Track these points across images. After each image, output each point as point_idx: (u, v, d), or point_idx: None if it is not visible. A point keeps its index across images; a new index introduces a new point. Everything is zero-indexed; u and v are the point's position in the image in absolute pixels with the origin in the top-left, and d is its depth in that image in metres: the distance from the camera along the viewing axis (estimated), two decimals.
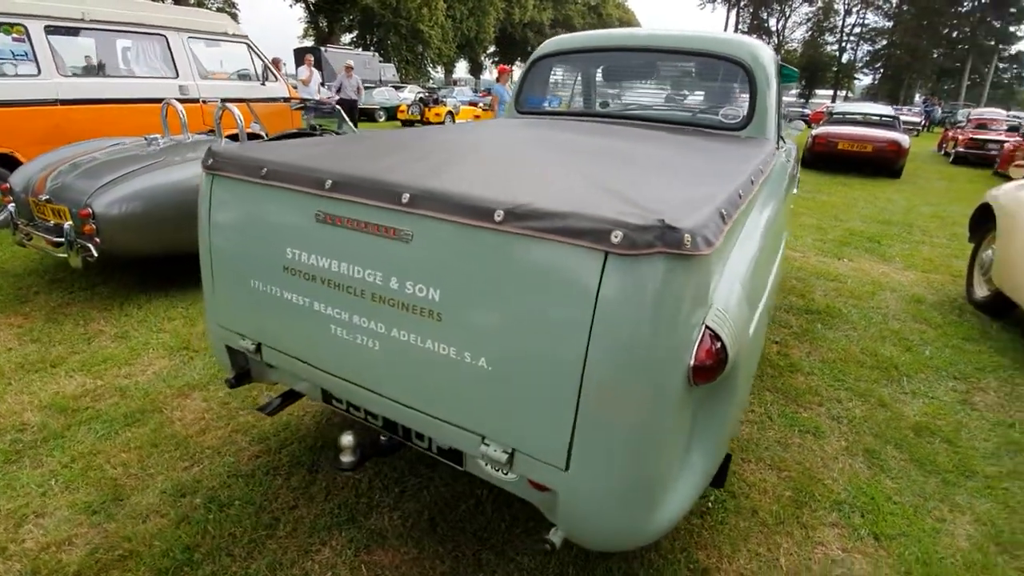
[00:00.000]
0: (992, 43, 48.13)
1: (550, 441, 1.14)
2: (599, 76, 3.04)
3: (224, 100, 4.08)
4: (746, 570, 1.71)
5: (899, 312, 3.86)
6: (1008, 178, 10.38)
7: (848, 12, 53.48)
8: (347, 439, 1.50)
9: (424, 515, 1.85)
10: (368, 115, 16.38)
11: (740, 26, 53.66)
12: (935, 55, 50.44)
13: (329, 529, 1.78)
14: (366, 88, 14.98)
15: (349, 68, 11.00)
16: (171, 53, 5.41)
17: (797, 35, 56.14)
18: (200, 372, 2.66)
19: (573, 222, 1.03)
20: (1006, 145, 11.45)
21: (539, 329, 1.09)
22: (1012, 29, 46.80)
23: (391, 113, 17.45)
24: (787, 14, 55.35)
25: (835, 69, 53.82)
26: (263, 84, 6.47)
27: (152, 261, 3.62)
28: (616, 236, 0.99)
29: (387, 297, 1.27)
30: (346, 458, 1.51)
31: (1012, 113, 22.35)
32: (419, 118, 16.25)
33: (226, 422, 2.30)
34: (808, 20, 55.42)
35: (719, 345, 1.13)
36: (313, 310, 1.42)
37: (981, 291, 3.99)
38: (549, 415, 1.13)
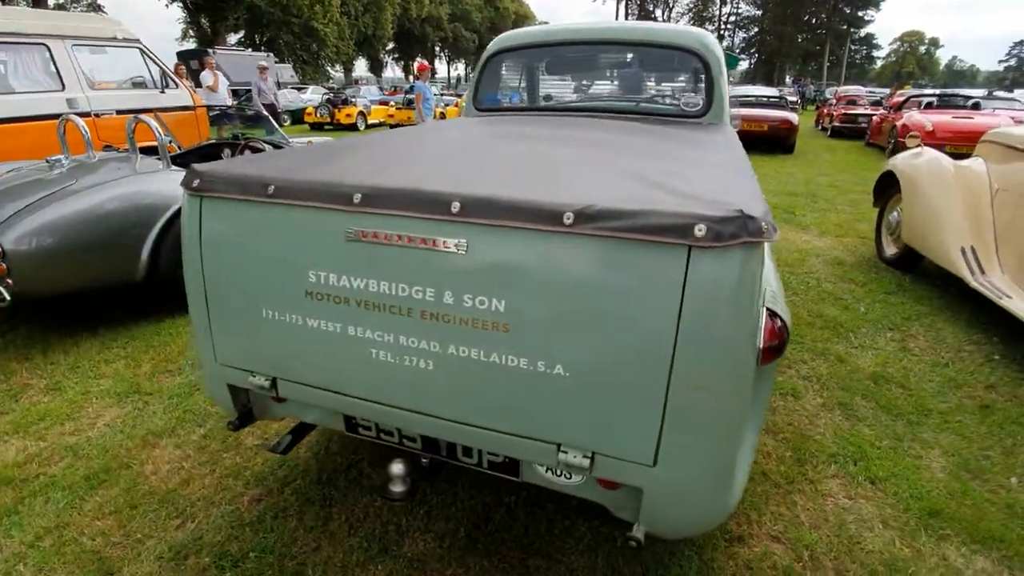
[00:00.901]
0: (845, 27, 54.05)
1: (636, 439, 1.14)
2: (557, 70, 3.06)
3: (129, 112, 3.66)
4: (774, 531, 1.81)
5: (828, 275, 4.25)
6: (881, 148, 11.75)
7: (724, 2, 57.74)
8: (397, 468, 1.41)
9: (460, 532, 1.79)
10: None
11: (628, 16, 56.24)
12: (800, 39, 55.81)
13: (363, 565, 1.67)
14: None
15: (264, 69, 10.29)
16: (55, 64, 4.75)
17: (681, 24, 59.88)
18: (163, 417, 2.39)
19: (653, 219, 1.03)
20: (874, 119, 12.91)
21: (620, 329, 1.08)
22: (860, 14, 52.82)
23: (296, 116, 16.52)
24: (671, 4, 58.78)
25: None
26: (163, 92, 5.87)
27: (71, 298, 3.19)
28: (700, 230, 1.00)
29: (441, 313, 1.21)
30: (397, 488, 1.42)
31: (869, 89, 25.28)
32: (329, 120, 15.51)
33: (210, 468, 2.08)
34: (689, 10, 59.22)
35: (780, 323, 1.18)
36: (348, 335, 1.31)
37: (890, 249, 4.49)
38: (635, 414, 1.12)
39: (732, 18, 59.58)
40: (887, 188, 4.53)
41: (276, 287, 1.36)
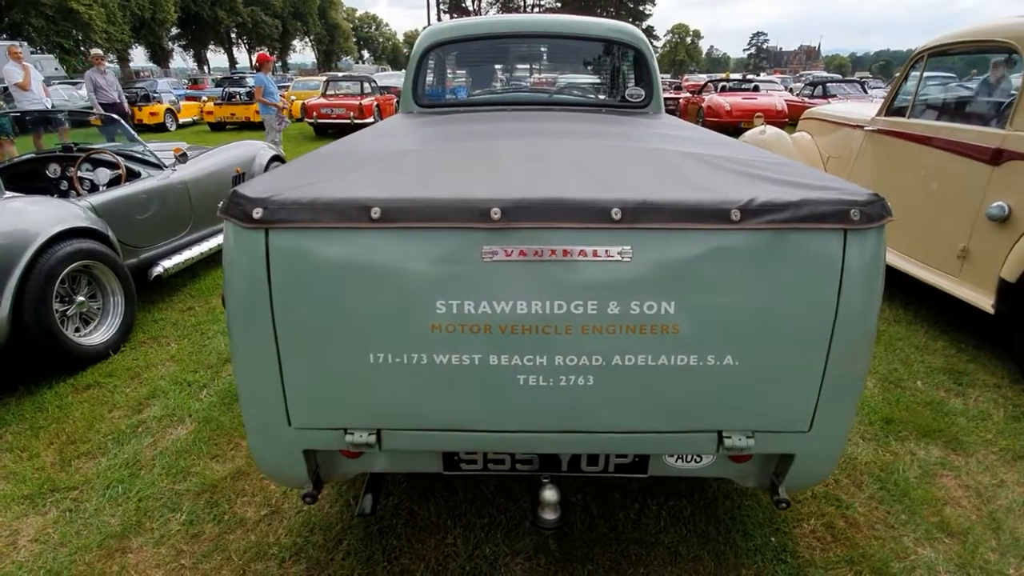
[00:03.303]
0: (631, 21, 61.03)
1: (795, 411, 1.24)
2: (497, 63, 3.00)
3: None
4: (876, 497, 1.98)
5: None
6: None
7: None
8: (551, 494, 1.32)
9: (549, 544, 1.74)
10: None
11: (440, 5, 56.42)
12: None
13: None
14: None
15: (99, 60, 8.18)
16: None
17: (490, 15, 61.89)
18: (112, 513, 1.88)
19: (813, 208, 1.11)
20: (680, 101, 14.90)
21: (785, 312, 1.16)
22: (641, 8, 59.98)
23: None
24: None
25: None
26: None
27: None
28: (855, 214, 1.11)
29: (605, 326, 1.16)
30: (549, 515, 1.33)
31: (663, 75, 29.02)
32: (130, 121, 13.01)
33: (222, 557, 1.71)
34: (497, 1, 61.44)
35: None
36: (488, 366, 1.19)
37: None
38: (796, 388, 1.22)
39: (536, 9, 63.29)
40: None
41: (389, 326, 1.17)
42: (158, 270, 3.42)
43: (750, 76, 22.12)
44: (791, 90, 17.20)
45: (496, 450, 1.34)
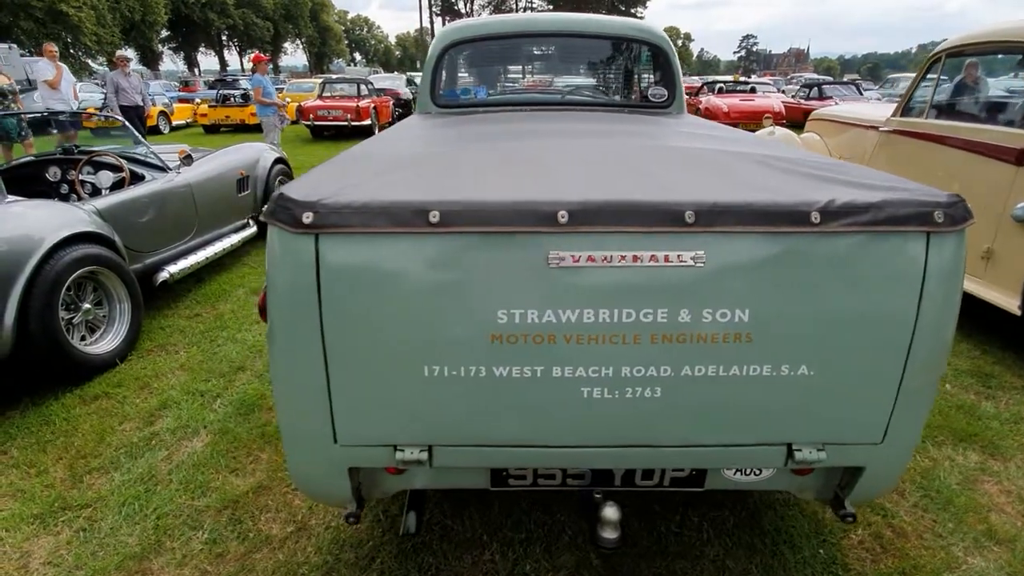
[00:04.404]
0: None
1: (868, 422, 1.18)
2: (519, 62, 2.94)
3: None
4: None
5: None
6: None
7: None
8: (612, 512, 1.25)
9: (591, 560, 1.67)
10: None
11: (432, 7, 56.47)
12: None
13: None
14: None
15: (124, 62, 8.07)
16: None
17: (483, 16, 62.04)
18: (130, 532, 1.79)
19: (895, 210, 1.06)
20: None
21: (864, 319, 1.10)
22: (633, 11, 60.36)
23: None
24: None
25: None
26: None
27: None
28: (939, 216, 1.06)
29: (676, 334, 1.09)
30: (609, 534, 1.26)
31: None
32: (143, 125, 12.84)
33: None
34: (490, 3, 61.60)
35: None
36: (551, 378, 1.12)
37: None
38: (871, 399, 1.16)
39: (527, 11, 63.46)
40: None
41: (446, 337, 1.10)
42: (164, 275, 3.32)
43: (742, 79, 22.26)
44: (783, 92, 17.31)
45: (551, 466, 1.27)
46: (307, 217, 1.04)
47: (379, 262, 1.07)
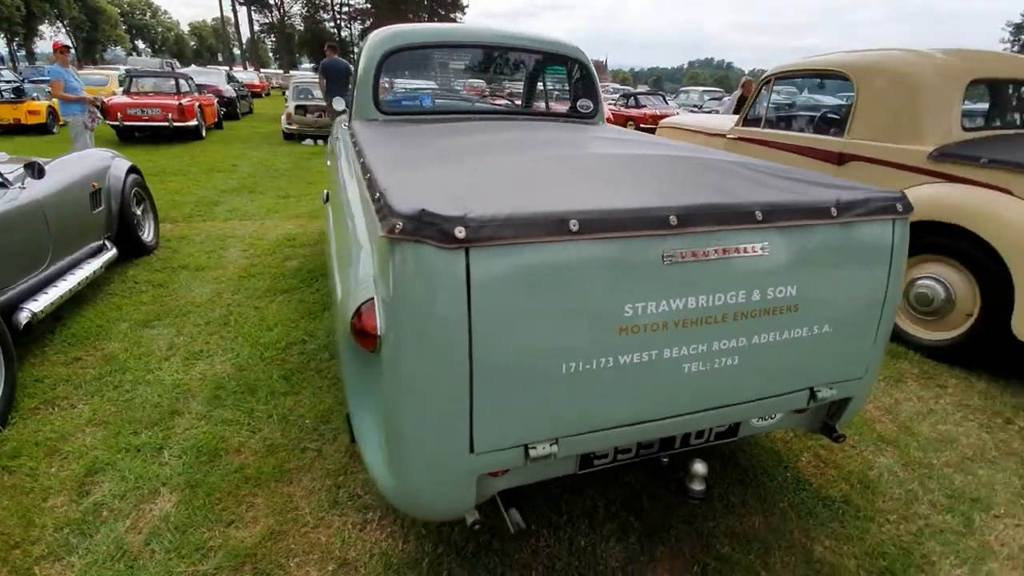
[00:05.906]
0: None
1: (857, 362, 1.58)
2: (456, 71, 2.98)
3: None
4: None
5: None
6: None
7: None
8: (701, 467, 1.46)
9: (631, 523, 1.88)
10: None
11: (235, 6, 50.99)
12: None
13: None
14: None
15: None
16: None
17: (295, 11, 57.75)
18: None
19: (876, 204, 1.45)
20: None
21: (861, 284, 1.48)
22: (452, 16, 61.43)
23: None
24: None
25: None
26: None
27: None
28: (900, 207, 1.48)
29: (749, 311, 1.35)
30: (697, 486, 1.47)
31: None
32: None
33: None
34: None
35: None
36: (662, 359, 1.30)
37: None
38: (860, 344, 1.56)
39: (345, 9, 60.85)
40: None
41: (582, 335, 1.21)
42: (26, 315, 2.67)
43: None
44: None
45: (645, 439, 1.44)
46: (460, 232, 1.07)
47: (524, 271, 1.14)
